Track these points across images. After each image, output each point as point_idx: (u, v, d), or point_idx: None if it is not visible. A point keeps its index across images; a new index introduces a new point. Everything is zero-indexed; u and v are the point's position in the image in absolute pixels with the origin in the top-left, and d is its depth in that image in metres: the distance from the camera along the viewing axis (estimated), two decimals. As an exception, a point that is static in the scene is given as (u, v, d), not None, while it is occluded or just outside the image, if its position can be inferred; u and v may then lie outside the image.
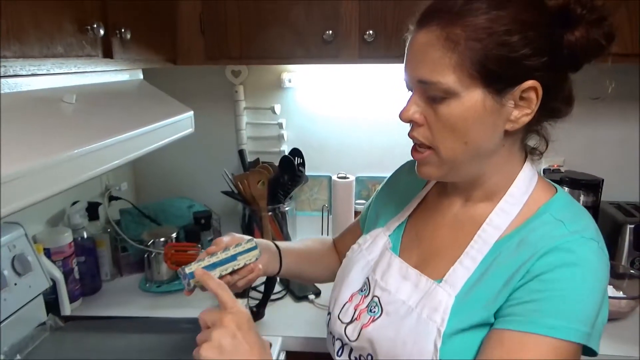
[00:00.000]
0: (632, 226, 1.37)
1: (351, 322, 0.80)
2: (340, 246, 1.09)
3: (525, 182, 0.74)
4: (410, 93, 0.72)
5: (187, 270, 0.78)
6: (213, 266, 0.81)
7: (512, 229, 0.72)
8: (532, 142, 0.76)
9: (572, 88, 0.71)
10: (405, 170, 0.97)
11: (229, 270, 0.83)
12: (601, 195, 1.47)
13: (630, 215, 1.43)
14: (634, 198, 1.57)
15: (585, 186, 1.42)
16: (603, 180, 1.45)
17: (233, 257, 0.84)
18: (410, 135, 0.72)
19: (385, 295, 0.78)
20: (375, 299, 0.79)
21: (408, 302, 0.74)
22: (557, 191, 0.76)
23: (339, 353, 0.83)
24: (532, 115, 0.67)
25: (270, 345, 0.72)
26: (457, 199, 0.80)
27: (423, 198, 0.88)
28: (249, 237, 0.89)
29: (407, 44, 0.71)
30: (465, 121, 0.66)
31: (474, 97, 0.65)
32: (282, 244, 1.00)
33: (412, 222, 0.87)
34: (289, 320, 1.29)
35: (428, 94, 0.68)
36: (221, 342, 0.64)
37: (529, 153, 0.77)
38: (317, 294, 1.40)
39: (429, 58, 0.66)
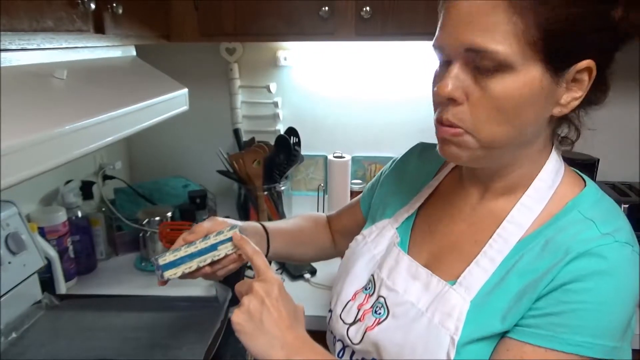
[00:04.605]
0: (627, 206, 1.37)
1: (354, 323, 0.75)
2: (336, 225, 1.05)
3: (551, 175, 0.67)
4: (438, 67, 0.63)
5: (161, 261, 0.73)
6: (190, 257, 0.75)
7: (536, 227, 0.65)
8: (559, 130, 0.69)
9: (610, 74, 0.64)
10: (416, 154, 0.89)
11: (208, 261, 0.77)
12: (596, 175, 1.47)
13: (625, 195, 1.43)
14: (628, 178, 1.57)
15: (580, 166, 1.41)
16: (598, 160, 1.45)
17: (213, 247, 0.77)
18: (442, 117, 0.62)
19: (392, 295, 0.72)
20: (381, 300, 0.73)
21: (417, 304, 0.68)
22: (585, 184, 0.68)
23: (340, 355, 0.77)
24: (581, 100, 0.60)
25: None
26: (473, 190, 0.73)
27: (436, 187, 0.81)
28: (232, 224, 0.82)
29: (448, 5, 0.60)
30: (518, 100, 0.58)
31: (531, 73, 0.57)
32: (270, 224, 0.96)
33: (423, 215, 0.80)
34: (285, 298, 1.29)
35: (476, 64, 0.58)
36: (250, 307, 0.64)
37: (558, 142, 0.70)
38: (313, 272, 1.40)
39: (486, 21, 0.56)
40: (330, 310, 0.81)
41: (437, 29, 0.62)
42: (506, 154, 0.65)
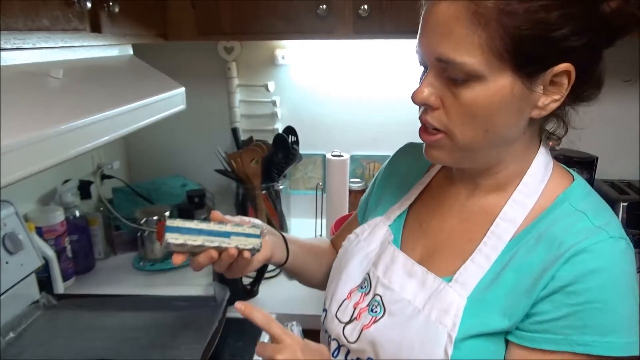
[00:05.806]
0: (626, 204, 1.37)
1: (350, 321, 0.74)
2: (338, 245, 0.98)
3: (540, 170, 0.68)
4: (422, 69, 0.65)
5: (169, 222, 0.68)
6: (199, 232, 0.70)
7: (528, 222, 0.66)
8: (548, 125, 0.70)
9: (604, 70, 0.63)
10: (404, 153, 0.90)
11: (215, 244, 0.71)
12: (595, 173, 1.47)
13: (624, 193, 1.43)
14: (628, 176, 1.57)
15: (579, 164, 1.42)
16: (597, 158, 1.45)
17: (226, 234, 0.72)
18: (422, 119, 0.65)
19: (389, 293, 0.72)
20: (377, 298, 0.73)
21: (414, 302, 0.68)
22: (574, 178, 0.69)
23: (335, 355, 0.76)
24: (561, 102, 0.61)
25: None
26: (463, 188, 0.74)
27: (427, 185, 0.81)
28: (257, 223, 0.78)
29: (424, 13, 0.61)
30: (489, 108, 0.59)
31: (501, 82, 0.58)
32: (284, 234, 0.91)
33: (414, 212, 0.80)
34: (283, 297, 1.29)
35: (447, 74, 0.60)
36: None
37: (546, 138, 0.71)
38: (311, 271, 1.40)
39: (452, 33, 0.57)
40: (325, 310, 0.81)
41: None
42: (489, 155, 0.66)
